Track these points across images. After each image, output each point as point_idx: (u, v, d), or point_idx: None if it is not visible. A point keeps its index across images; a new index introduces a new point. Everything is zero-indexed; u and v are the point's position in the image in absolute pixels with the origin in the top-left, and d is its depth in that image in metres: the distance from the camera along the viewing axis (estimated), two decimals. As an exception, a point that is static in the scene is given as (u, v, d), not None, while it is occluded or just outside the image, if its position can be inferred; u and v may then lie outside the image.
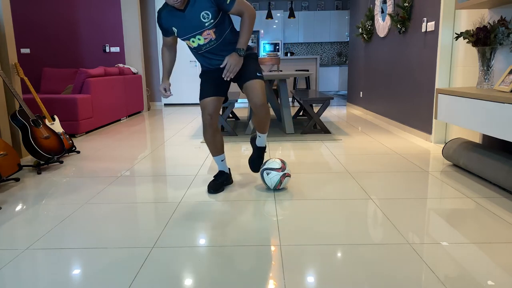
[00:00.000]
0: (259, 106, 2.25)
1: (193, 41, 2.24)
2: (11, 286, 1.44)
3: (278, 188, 2.44)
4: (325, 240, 1.76)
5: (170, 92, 2.40)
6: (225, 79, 2.23)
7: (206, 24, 2.16)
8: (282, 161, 2.43)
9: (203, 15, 2.13)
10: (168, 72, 2.44)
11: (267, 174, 2.40)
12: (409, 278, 1.43)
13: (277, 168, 2.39)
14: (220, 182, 2.51)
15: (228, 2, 2.11)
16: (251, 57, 2.36)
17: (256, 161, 2.59)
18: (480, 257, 1.58)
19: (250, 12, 2.20)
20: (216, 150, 2.47)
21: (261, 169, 2.46)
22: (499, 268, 1.49)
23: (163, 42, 2.42)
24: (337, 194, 2.39)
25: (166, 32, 2.31)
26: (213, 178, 2.54)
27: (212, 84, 2.34)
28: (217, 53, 2.28)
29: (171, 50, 2.44)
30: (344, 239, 1.77)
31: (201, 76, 2.43)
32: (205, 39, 2.21)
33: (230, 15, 2.32)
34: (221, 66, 2.24)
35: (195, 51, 2.31)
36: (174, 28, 2.23)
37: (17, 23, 6.69)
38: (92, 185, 2.67)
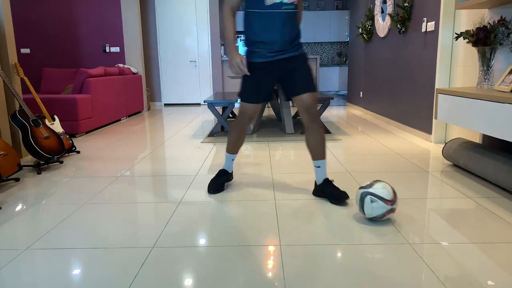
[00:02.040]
0: (316, 123, 2.16)
1: None
2: (11, 286, 1.44)
3: (375, 220, 1.96)
4: (325, 240, 1.76)
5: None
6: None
7: None
8: (394, 192, 1.93)
9: None
10: (235, 41, 2.14)
11: (371, 201, 1.89)
12: (409, 278, 1.43)
13: (386, 200, 1.88)
14: (221, 182, 2.47)
15: None
16: (306, 58, 2.17)
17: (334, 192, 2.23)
18: (480, 257, 1.58)
19: (301, 4, 2.20)
20: (234, 149, 2.41)
21: (363, 190, 1.94)
22: (499, 268, 1.49)
23: (230, 2, 2.10)
24: (337, 194, 2.38)
25: None
26: (214, 177, 2.49)
27: (261, 90, 2.18)
28: (286, 21, 2.06)
29: (235, 15, 2.14)
30: (344, 239, 1.77)
31: (249, 69, 2.17)
32: None
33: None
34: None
35: (270, 9, 2.03)
36: None
37: (17, 23, 6.69)
38: (92, 185, 2.67)
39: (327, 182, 2.26)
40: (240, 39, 9.86)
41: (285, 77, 2.17)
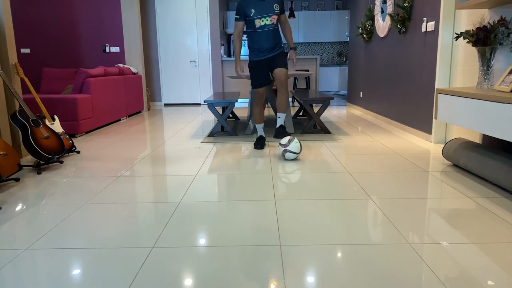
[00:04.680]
0: (282, 80, 3.52)
1: (262, 20, 3.45)
2: (11, 286, 1.44)
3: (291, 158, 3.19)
4: (325, 240, 1.76)
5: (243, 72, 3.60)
6: (293, 66, 3.70)
7: (275, 11, 3.47)
8: (301, 145, 3.24)
9: (275, 5, 3.47)
10: (239, 57, 3.57)
11: (288, 154, 3.22)
12: (409, 278, 1.43)
13: (296, 153, 3.22)
14: (262, 142, 3.69)
15: (284, 8, 3.53)
16: (284, 54, 3.63)
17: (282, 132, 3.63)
18: (480, 257, 1.58)
19: (289, 23, 3.66)
20: (260, 119, 3.75)
21: (283, 148, 3.22)
22: (499, 268, 1.50)
23: (237, 29, 3.50)
24: (337, 194, 2.39)
25: (244, 16, 3.46)
26: (256, 141, 3.71)
27: (264, 75, 3.61)
28: (269, 35, 3.51)
29: (240, 38, 3.55)
30: (344, 239, 1.77)
31: (251, 65, 3.60)
32: (270, 20, 3.47)
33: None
34: (288, 58, 3.66)
35: (259, 29, 3.48)
36: (252, 10, 3.42)
37: (17, 23, 6.69)
38: (92, 185, 2.67)
39: (281, 126, 3.69)
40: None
41: (271, 64, 3.60)
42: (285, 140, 3.20)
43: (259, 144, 3.66)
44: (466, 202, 2.22)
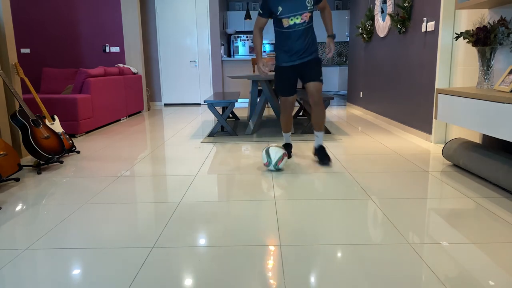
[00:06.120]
0: (316, 100, 2.98)
1: (291, 19, 2.86)
2: (11, 286, 1.44)
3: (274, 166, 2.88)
4: (325, 240, 1.76)
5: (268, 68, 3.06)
6: (328, 56, 3.00)
7: (308, 8, 2.86)
8: (279, 157, 2.88)
9: (308, 0, 2.84)
10: (260, 53, 3.08)
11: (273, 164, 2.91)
12: (409, 278, 1.43)
13: (277, 160, 2.90)
14: (290, 149, 3.34)
15: None
16: (319, 61, 3.03)
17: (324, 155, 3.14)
18: (480, 257, 1.58)
19: (329, 7, 3.02)
20: (287, 128, 3.32)
21: (269, 160, 2.90)
22: (499, 268, 1.49)
23: (258, 25, 3.00)
24: (337, 194, 2.39)
25: (269, 13, 2.92)
26: (284, 146, 3.36)
27: (290, 85, 3.07)
28: (300, 35, 2.91)
29: (261, 33, 3.05)
30: (344, 239, 1.77)
31: (277, 71, 3.08)
32: (301, 19, 2.86)
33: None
34: (326, 50, 2.99)
35: (288, 29, 2.89)
36: (280, 7, 2.84)
37: (17, 23, 6.69)
38: (92, 185, 2.67)
39: (320, 148, 3.18)
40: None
41: (302, 73, 3.03)
42: (264, 159, 2.90)
43: (289, 151, 3.34)
44: (466, 202, 2.22)
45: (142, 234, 1.87)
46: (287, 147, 3.39)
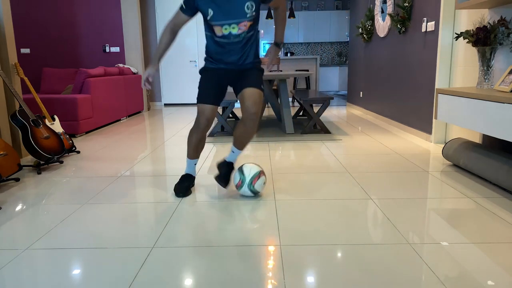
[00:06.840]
0: (251, 113, 2.16)
1: (225, 28, 2.13)
2: (11, 286, 1.44)
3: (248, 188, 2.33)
4: (325, 240, 1.76)
5: (149, 84, 2.28)
6: (267, 71, 2.25)
7: (248, 15, 2.11)
8: (254, 174, 2.33)
9: (247, 5, 2.09)
10: (160, 55, 2.27)
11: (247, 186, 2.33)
12: (409, 278, 1.43)
13: (252, 178, 2.32)
14: (187, 185, 2.43)
15: None
16: (258, 69, 2.32)
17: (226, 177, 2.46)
18: (480, 257, 1.58)
19: (284, 5, 2.26)
20: (196, 153, 2.43)
21: (242, 178, 2.32)
22: (499, 268, 1.49)
23: (173, 22, 2.23)
24: (337, 194, 2.39)
25: (193, 11, 2.17)
26: (179, 181, 2.46)
27: (214, 91, 2.27)
28: (239, 48, 2.21)
29: (174, 33, 2.27)
30: (344, 239, 1.77)
31: (202, 72, 2.32)
32: (239, 29, 2.14)
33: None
34: (264, 57, 2.34)
35: (221, 39, 2.18)
36: (210, 10, 2.10)
37: (17, 23, 6.69)
38: (92, 185, 2.67)
39: (228, 165, 2.48)
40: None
41: (235, 80, 2.31)
42: (236, 178, 2.35)
43: (182, 188, 2.41)
44: (466, 202, 2.22)
45: (142, 234, 1.87)
46: (187, 179, 2.46)
